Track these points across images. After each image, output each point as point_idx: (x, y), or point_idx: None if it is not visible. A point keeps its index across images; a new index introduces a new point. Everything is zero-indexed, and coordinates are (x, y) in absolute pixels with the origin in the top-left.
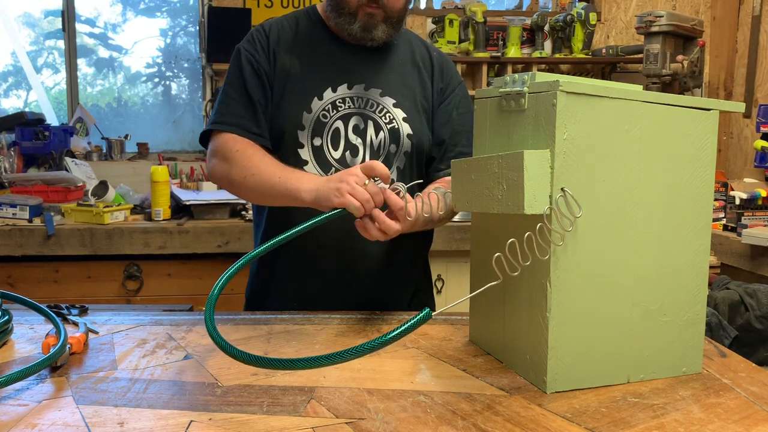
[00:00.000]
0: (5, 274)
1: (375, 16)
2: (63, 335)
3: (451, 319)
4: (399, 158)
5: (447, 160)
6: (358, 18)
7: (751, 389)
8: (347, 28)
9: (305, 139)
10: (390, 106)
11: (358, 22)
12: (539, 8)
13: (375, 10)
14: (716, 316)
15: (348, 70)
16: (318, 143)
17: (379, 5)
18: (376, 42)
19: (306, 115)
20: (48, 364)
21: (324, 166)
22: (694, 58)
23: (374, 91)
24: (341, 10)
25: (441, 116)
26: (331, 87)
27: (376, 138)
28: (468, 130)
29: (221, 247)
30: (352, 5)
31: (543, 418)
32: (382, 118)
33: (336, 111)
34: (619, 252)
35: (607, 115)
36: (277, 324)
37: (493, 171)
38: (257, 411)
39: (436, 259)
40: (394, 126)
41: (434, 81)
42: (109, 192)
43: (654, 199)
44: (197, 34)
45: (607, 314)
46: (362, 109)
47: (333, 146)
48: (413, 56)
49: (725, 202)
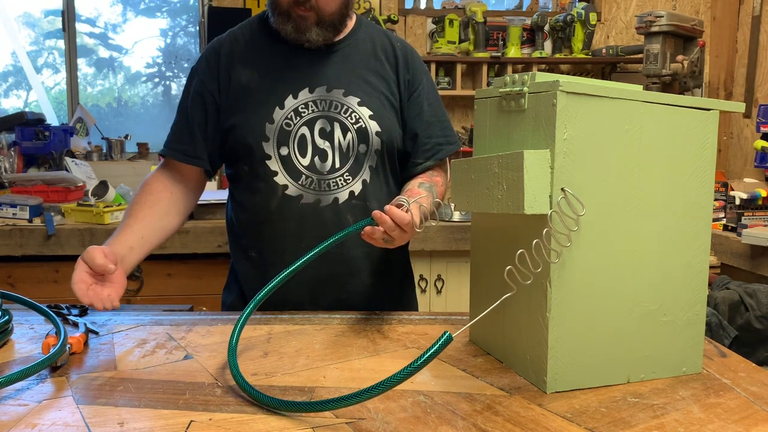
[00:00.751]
0: (5, 274)
1: (307, 19)
2: (63, 335)
3: (451, 319)
4: (370, 157)
5: (423, 154)
6: (291, 18)
7: (751, 389)
8: (282, 28)
9: (271, 149)
10: (355, 105)
11: (291, 23)
12: (539, 8)
13: (305, 12)
14: (716, 316)
15: (307, 73)
16: (285, 152)
17: (307, 8)
18: (312, 44)
19: (269, 125)
20: (48, 364)
21: (293, 174)
22: (694, 58)
23: (337, 91)
24: (275, 9)
25: (413, 109)
26: (292, 94)
27: (344, 140)
28: (440, 120)
29: (221, 247)
30: (283, 5)
31: (543, 418)
32: (348, 119)
33: (299, 117)
34: (619, 252)
35: (607, 115)
36: (277, 324)
37: (493, 171)
38: (257, 411)
39: (436, 259)
40: (362, 125)
41: (399, 73)
42: (109, 192)
43: (654, 199)
44: (197, 34)
45: (607, 314)
46: (327, 111)
47: (301, 154)
48: (375, 50)
49: (725, 202)
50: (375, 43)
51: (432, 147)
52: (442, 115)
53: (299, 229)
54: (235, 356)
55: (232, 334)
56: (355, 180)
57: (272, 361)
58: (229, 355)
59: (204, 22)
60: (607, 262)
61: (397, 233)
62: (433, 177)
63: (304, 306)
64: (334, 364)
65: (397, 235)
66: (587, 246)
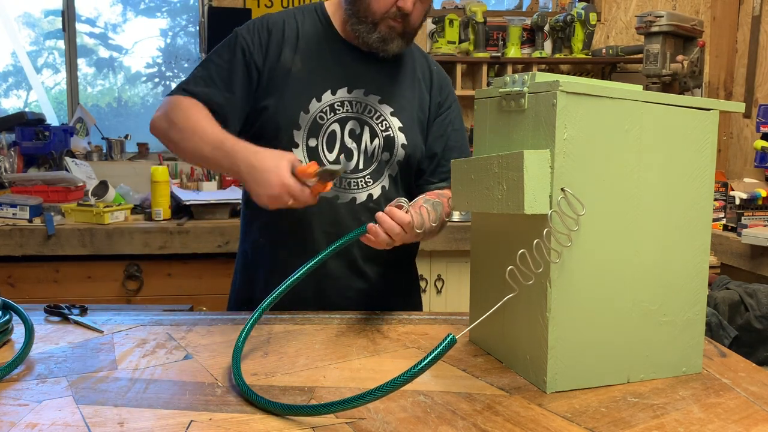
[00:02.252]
0: (5, 274)
1: (395, 29)
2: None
3: (451, 319)
4: (391, 167)
5: (438, 175)
6: (378, 29)
7: (751, 389)
8: (365, 36)
9: (300, 139)
10: (387, 114)
11: (378, 33)
12: (539, 8)
13: (397, 23)
14: (716, 316)
15: (349, 74)
16: (313, 144)
17: (402, 20)
18: (388, 54)
19: (303, 115)
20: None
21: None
22: (694, 58)
23: (373, 97)
24: (364, 18)
25: (436, 130)
26: (331, 90)
27: (371, 144)
28: (460, 146)
29: (221, 247)
30: (377, 15)
31: (543, 418)
32: (379, 125)
33: (333, 113)
34: (619, 252)
35: (607, 115)
36: (277, 324)
37: (493, 171)
38: (257, 411)
39: (436, 259)
40: (390, 134)
41: (432, 94)
42: (109, 192)
43: (654, 199)
44: (197, 34)
45: (607, 314)
46: (360, 114)
47: (328, 149)
48: (414, 68)
49: (725, 202)
50: (416, 61)
51: (448, 171)
52: (464, 144)
53: (312, 222)
54: (239, 364)
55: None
56: (375, 184)
57: (272, 361)
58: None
59: (204, 22)
60: (607, 262)
61: (397, 234)
62: (441, 197)
63: (309, 304)
64: (334, 364)
65: (397, 235)
66: (587, 246)
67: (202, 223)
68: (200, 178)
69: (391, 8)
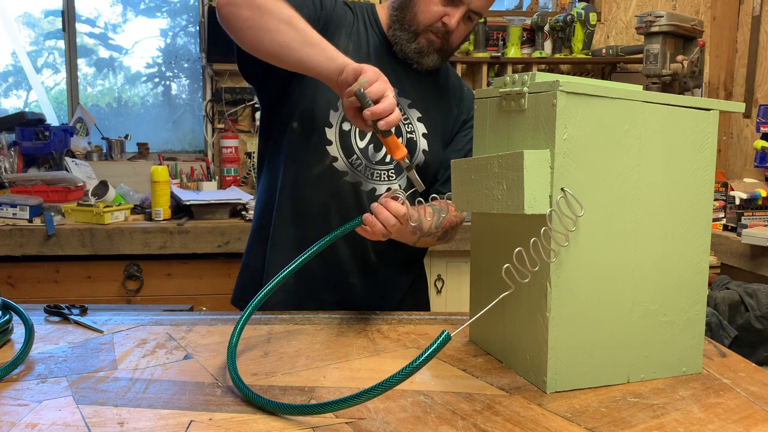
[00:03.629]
0: (5, 274)
1: (433, 44)
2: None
3: (451, 319)
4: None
5: (449, 186)
6: (418, 40)
7: (751, 389)
8: (403, 44)
9: (335, 120)
10: (414, 119)
11: (416, 44)
12: (539, 8)
13: (438, 39)
14: (716, 316)
15: (389, 73)
16: (347, 128)
17: (443, 37)
18: (422, 67)
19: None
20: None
21: (347, 151)
22: (694, 58)
23: (404, 100)
24: (408, 27)
25: (456, 143)
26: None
27: None
28: None
29: (221, 247)
30: (421, 26)
31: (543, 418)
32: (405, 127)
33: None
34: (619, 252)
35: (607, 115)
36: (277, 324)
37: (493, 171)
38: (257, 411)
39: (436, 259)
40: (413, 138)
41: (461, 111)
42: (109, 192)
43: (654, 199)
44: (197, 34)
45: (607, 314)
46: None
47: (360, 135)
48: (447, 83)
49: (725, 202)
50: (449, 78)
51: None
52: None
53: (331, 202)
54: (235, 360)
55: (231, 335)
56: (397, 180)
57: (272, 361)
58: (228, 359)
59: (204, 22)
60: (607, 262)
61: (393, 225)
62: (450, 206)
63: (309, 304)
64: (334, 364)
65: (393, 227)
66: (587, 246)
67: (202, 223)
68: (200, 178)
69: (436, 22)
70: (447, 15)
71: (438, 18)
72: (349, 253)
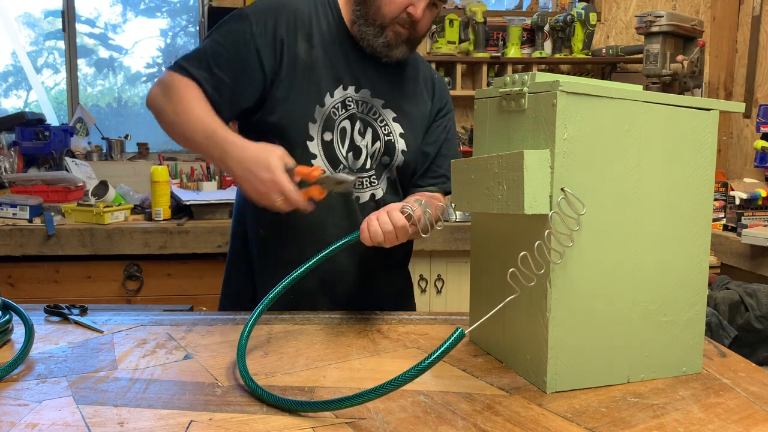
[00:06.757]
0: (5, 274)
1: (401, 36)
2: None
3: (451, 319)
4: (390, 170)
5: (429, 178)
6: (385, 33)
7: (751, 389)
8: (371, 39)
9: (316, 132)
10: (390, 119)
11: (384, 38)
12: (539, 8)
13: (404, 30)
14: (716, 316)
15: (358, 73)
16: (328, 138)
17: (409, 27)
18: (392, 59)
19: (319, 108)
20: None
21: (333, 161)
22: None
23: (378, 101)
24: (372, 21)
25: (431, 135)
26: (342, 85)
27: (372, 146)
28: (453, 155)
29: (221, 247)
30: (386, 20)
31: (543, 418)
32: (382, 129)
33: (345, 110)
34: (619, 252)
35: (607, 115)
36: (277, 324)
37: (493, 171)
38: (257, 411)
39: (436, 259)
40: (391, 139)
41: (434, 101)
42: (109, 192)
43: (654, 199)
44: (197, 34)
45: (607, 314)
46: (365, 114)
47: (341, 142)
48: (417, 75)
49: (725, 202)
50: (419, 69)
51: (440, 176)
52: (455, 152)
53: (321, 214)
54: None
55: (242, 334)
56: (377, 186)
57: (272, 361)
58: (238, 357)
59: (204, 22)
60: (607, 262)
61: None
62: (432, 199)
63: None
64: (334, 364)
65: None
66: (587, 246)
67: (202, 223)
68: (200, 178)
69: (400, 14)
70: (411, 5)
71: (402, 9)
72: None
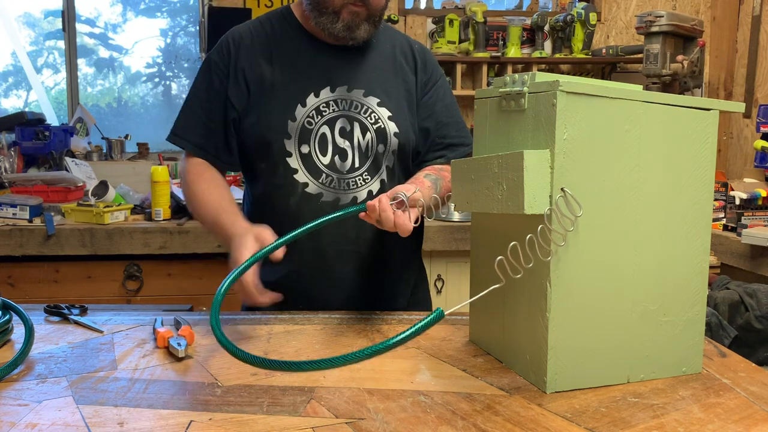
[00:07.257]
0: (5, 274)
1: (359, 15)
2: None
3: (451, 319)
4: (387, 158)
5: (433, 151)
6: (341, 17)
7: (751, 389)
8: (329, 27)
9: (292, 147)
10: (374, 106)
11: (342, 21)
12: (539, 8)
13: (359, 8)
14: (716, 316)
15: (329, 72)
16: (306, 150)
17: (363, 3)
18: (357, 41)
19: (291, 123)
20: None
21: (314, 173)
22: (694, 58)
23: (357, 92)
24: (324, 9)
25: (423, 110)
26: (314, 92)
27: (363, 139)
28: (456, 121)
29: (221, 247)
30: (337, 4)
31: (543, 418)
32: (368, 119)
33: (321, 116)
34: (619, 252)
35: (607, 115)
36: (277, 324)
37: (493, 171)
38: (257, 411)
39: (436, 259)
40: (381, 126)
41: (417, 74)
42: (109, 192)
43: (654, 199)
44: (197, 34)
45: (607, 314)
46: (347, 111)
47: (321, 152)
48: (394, 52)
49: (725, 202)
50: (395, 45)
51: (445, 147)
52: (458, 116)
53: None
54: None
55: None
56: (374, 180)
57: None
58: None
59: (204, 22)
60: (607, 262)
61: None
62: (442, 171)
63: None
64: None
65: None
66: (587, 246)
67: None
68: None
69: None
70: None
71: None
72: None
